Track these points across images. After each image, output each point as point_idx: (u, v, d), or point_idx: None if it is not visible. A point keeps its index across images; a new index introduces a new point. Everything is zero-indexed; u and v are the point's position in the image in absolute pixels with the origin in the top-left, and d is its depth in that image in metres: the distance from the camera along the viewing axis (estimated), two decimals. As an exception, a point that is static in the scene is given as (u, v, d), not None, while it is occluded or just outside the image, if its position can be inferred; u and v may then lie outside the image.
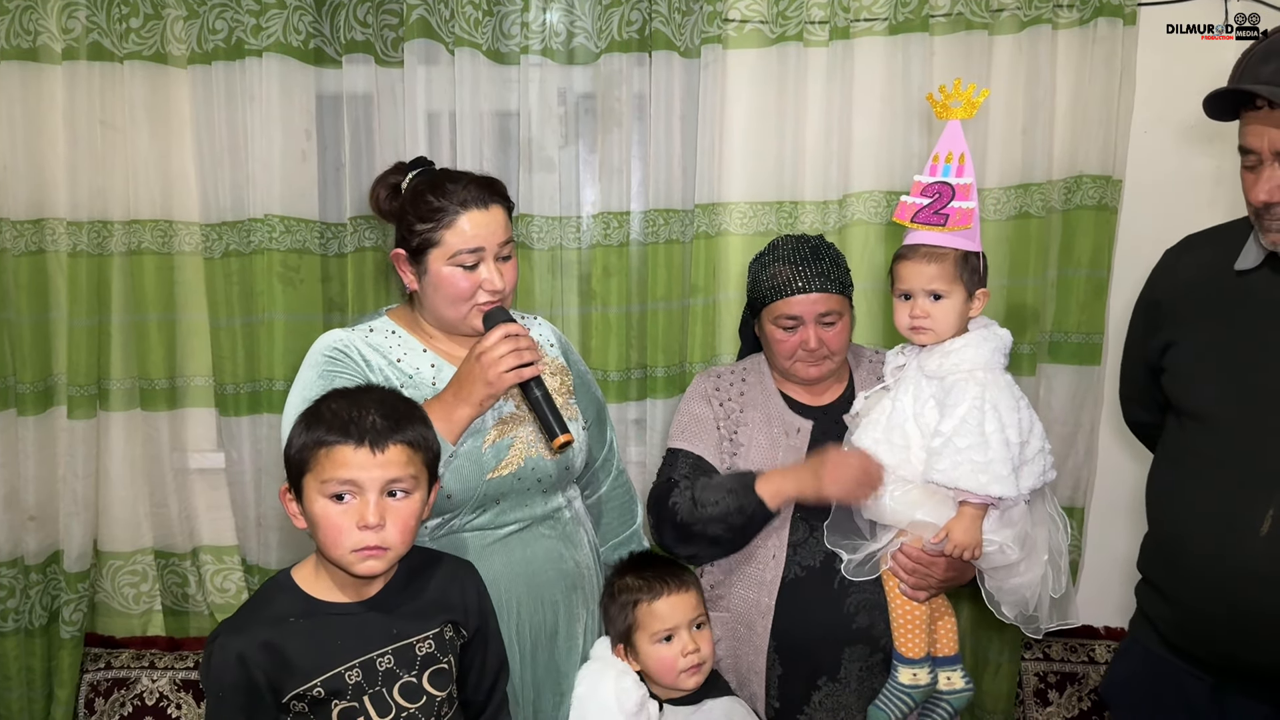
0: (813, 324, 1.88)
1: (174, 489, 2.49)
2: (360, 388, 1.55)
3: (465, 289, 1.69)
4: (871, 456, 1.78)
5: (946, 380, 1.75)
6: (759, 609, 1.87)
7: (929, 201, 1.76)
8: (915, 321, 1.79)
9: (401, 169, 1.81)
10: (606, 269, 2.41)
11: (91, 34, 2.24)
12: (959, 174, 1.75)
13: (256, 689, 1.42)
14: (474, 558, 1.69)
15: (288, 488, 1.48)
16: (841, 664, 1.86)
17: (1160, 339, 1.71)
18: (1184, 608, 1.61)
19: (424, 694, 1.50)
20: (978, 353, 1.75)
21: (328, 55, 2.34)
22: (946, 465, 1.69)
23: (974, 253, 1.77)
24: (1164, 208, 2.50)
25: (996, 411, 1.70)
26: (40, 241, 2.33)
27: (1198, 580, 1.57)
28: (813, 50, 2.36)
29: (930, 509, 1.75)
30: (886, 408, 1.81)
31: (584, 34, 2.35)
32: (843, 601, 1.84)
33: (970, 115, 1.77)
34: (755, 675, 1.89)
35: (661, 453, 2.45)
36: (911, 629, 1.81)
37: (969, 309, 1.79)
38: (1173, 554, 1.63)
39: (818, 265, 1.89)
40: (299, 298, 2.36)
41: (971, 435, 1.69)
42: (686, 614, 1.77)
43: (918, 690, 1.82)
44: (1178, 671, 1.64)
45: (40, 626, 2.46)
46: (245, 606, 1.55)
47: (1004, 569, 1.78)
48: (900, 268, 1.80)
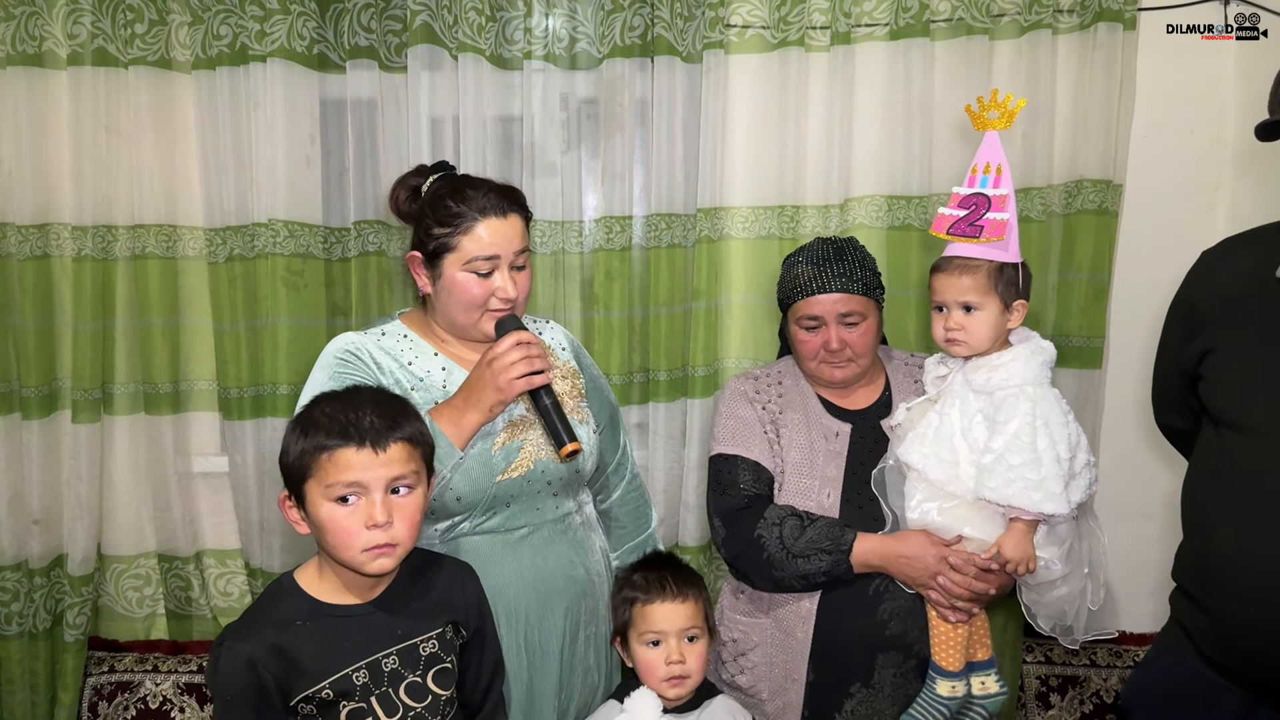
0: (834, 324, 1.88)
1: (177, 493, 2.50)
2: (349, 389, 1.55)
3: (478, 295, 1.70)
4: (941, 546, 1.78)
5: (995, 396, 1.73)
6: (799, 614, 1.86)
7: (965, 213, 1.75)
8: (950, 334, 1.78)
9: (423, 171, 1.81)
10: (609, 273, 2.42)
11: (96, 39, 2.26)
12: (996, 185, 1.74)
13: (266, 692, 1.42)
14: (483, 562, 1.70)
15: (287, 495, 1.48)
16: (875, 670, 1.84)
17: (1197, 345, 1.66)
18: (1223, 620, 1.58)
19: (429, 693, 1.51)
20: (1026, 368, 1.74)
21: (332, 61, 2.35)
22: (999, 483, 1.68)
23: (1010, 264, 1.76)
24: (1164, 212, 2.51)
25: (1048, 427, 1.69)
26: (45, 246, 2.34)
27: (1239, 593, 1.53)
28: (814, 56, 2.37)
29: (978, 525, 1.74)
30: (933, 421, 1.79)
31: (586, 39, 2.37)
32: (877, 608, 1.83)
33: (1008, 126, 1.76)
34: (794, 683, 1.87)
35: (664, 455, 2.49)
36: (953, 645, 1.81)
37: (1006, 321, 1.77)
38: (1211, 565, 1.60)
39: (840, 265, 1.89)
40: (303, 302, 2.37)
41: (1024, 453, 1.67)
42: (678, 624, 1.75)
43: (955, 701, 1.82)
44: (1210, 684, 1.61)
45: (44, 630, 2.46)
46: (250, 611, 1.55)
47: (1047, 583, 1.78)
48: (935, 280, 1.80)
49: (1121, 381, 2.53)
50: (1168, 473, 2.45)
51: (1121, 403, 2.54)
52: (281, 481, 1.49)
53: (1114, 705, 2.52)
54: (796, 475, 1.90)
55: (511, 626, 1.72)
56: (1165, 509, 2.37)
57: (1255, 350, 1.57)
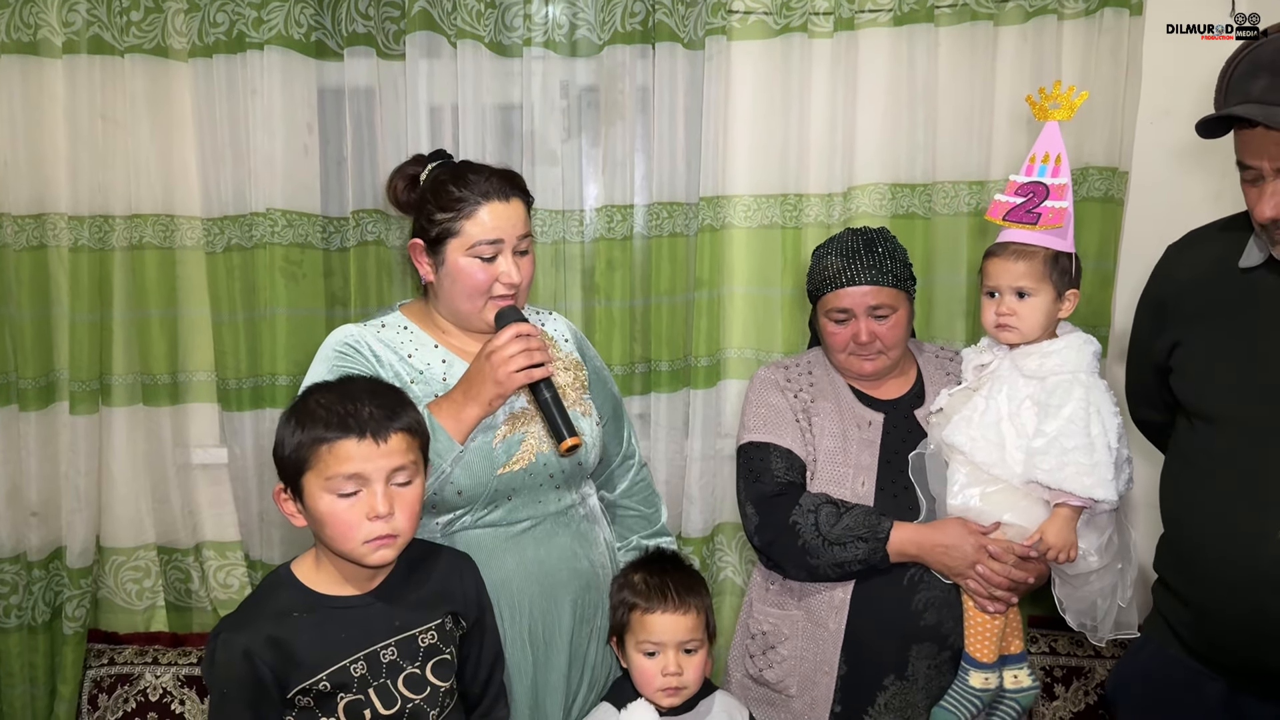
0: (863, 317, 1.87)
1: (176, 484, 2.48)
2: (342, 379, 1.54)
3: (482, 281, 1.68)
4: (979, 535, 1.77)
5: (1048, 382, 1.73)
6: (833, 604, 1.85)
7: (1022, 200, 1.75)
8: (1001, 319, 1.78)
9: (421, 160, 1.80)
10: (610, 263, 2.40)
11: (92, 27, 2.23)
12: (1054, 174, 1.74)
13: (263, 684, 1.41)
14: (486, 555, 1.69)
15: (283, 488, 1.47)
16: (909, 662, 1.83)
17: (1166, 338, 1.69)
18: (1201, 611, 1.60)
19: (428, 685, 1.50)
20: (1080, 356, 1.74)
21: (329, 48, 2.32)
22: (1052, 465, 1.67)
23: (1065, 254, 1.75)
24: (1170, 199, 2.48)
25: (1100, 415, 1.69)
26: (41, 236, 2.32)
27: (1213, 583, 1.55)
28: (817, 42, 2.34)
29: (1020, 511, 1.73)
30: (979, 405, 1.78)
31: (586, 26, 2.34)
32: (911, 598, 1.82)
33: (1069, 117, 1.76)
34: (825, 675, 1.86)
35: (666, 447, 2.47)
36: (988, 636, 1.80)
37: (1057, 309, 1.77)
38: (1188, 557, 1.62)
39: (870, 257, 1.87)
40: (301, 292, 2.35)
41: (1078, 436, 1.67)
42: (677, 635, 1.72)
43: (988, 693, 1.80)
44: (1192, 673, 1.63)
45: (43, 623, 2.45)
46: (247, 602, 1.55)
47: (1082, 575, 1.77)
48: (989, 265, 1.79)
49: (1126, 370, 2.51)
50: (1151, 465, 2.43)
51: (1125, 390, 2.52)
52: None
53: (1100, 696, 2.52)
54: (830, 463, 1.89)
55: (515, 620, 1.71)
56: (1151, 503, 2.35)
57: (1222, 340, 1.59)
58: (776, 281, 2.44)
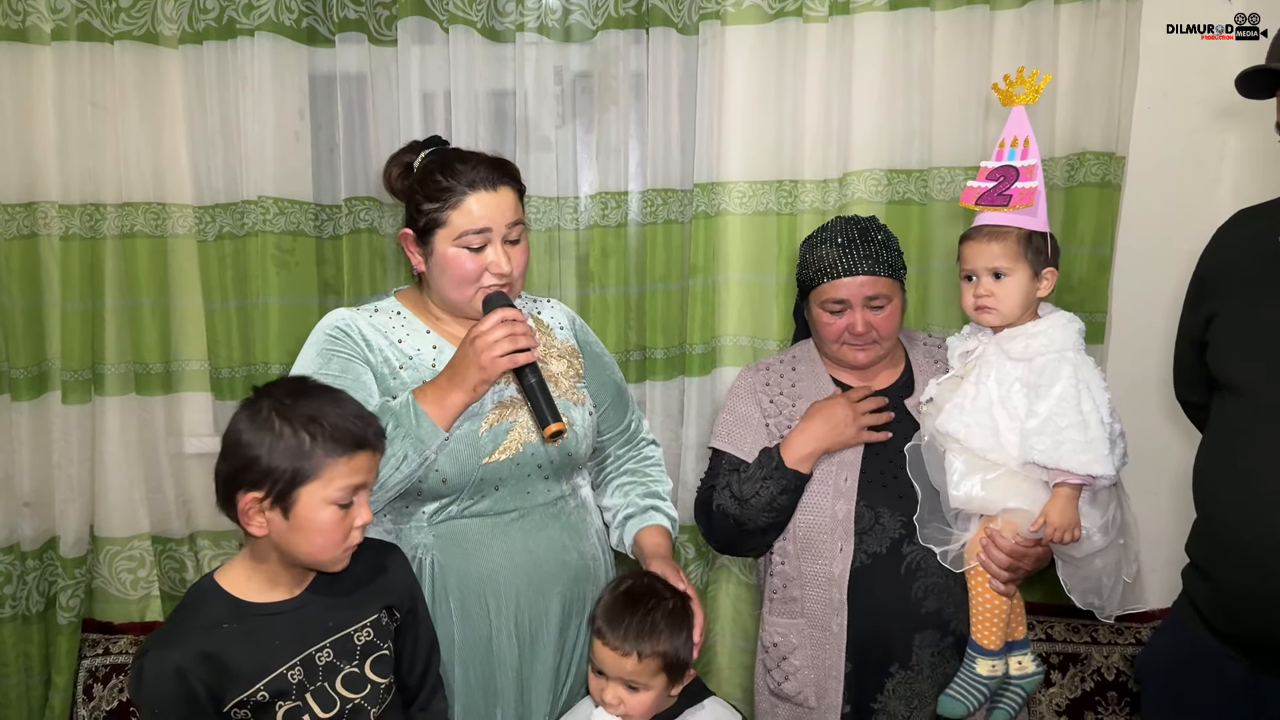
0: (860, 307, 1.85)
1: (170, 474, 2.47)
2: (296, 387, 1.48)
3: (471, 271, 1.67)
4: (846, 397, 1.87)
5: (1036, 362, 1.72)
6: (832, 606, 1.84)
7: (994, 185, 1.76)
8: (980, 301, 1.77)
9: (415, 147, 1.78)
10: (604, 250, 2.38)
11: (81, 14, 2.21)
12: (1024, 157, 1.74)
13: (197, 701, 1.37)
14: (473, 545, 1.68)
15: (260, 496, 1.38)
16: (913, 651, 1.83)
17: (1204, 312, 1.68)
18: (1222, 586, 1.59)
19: (368, 683, 1.48)
20: (1065, 334, 1.74)
21: (320, 34, 2.31)
22: (1047, 445, 1.66)
23: (1039, 233, 1.75)
24: (1168, 185, 2.47)
25: (1090, 391, 1.69)
26: (32, 225, 2.30)
27: (1237, 558, 1.54)
28: (812, 26, 2.32)
29: (1023, 495, 1.72)
30: (969, 392, 1.77)
31: (580, 11, 2.32)
32: (910, 587, 1.81)
33: (1034, 100, 1.76)
34: (834, 679, 1.85)
35: (662, 434, 2.46)
36: (995, 621, 1.79)
37: (1035, 289, 1.77)
38: (1214, 533, 1.61)
39: (866, 247, 1.85)
40: (293, 280, 2.34)
41: (1070, 414, 1.67)
42: (618, 671, 1.61)
43: (994, 680, 1.80)
44: (1214, 652, 1.62)
45: (37, 613, 2.44)
46: (172, 618, 1.47)
47: (1086, 555, 1.77)
48: (964, 249, 1.80)
49: (1124, 356, 2.50)
50: (1173, 447, 2.42)
51: (1124, 377, 2.50)
52: None
53: (1116, 681, 2.51)
54: None
55: (501, 611, 1.69)
56: (1173, 486, 2.34)
57: (1256, 312, 1.58)
58: (772, 268, 2.42)
